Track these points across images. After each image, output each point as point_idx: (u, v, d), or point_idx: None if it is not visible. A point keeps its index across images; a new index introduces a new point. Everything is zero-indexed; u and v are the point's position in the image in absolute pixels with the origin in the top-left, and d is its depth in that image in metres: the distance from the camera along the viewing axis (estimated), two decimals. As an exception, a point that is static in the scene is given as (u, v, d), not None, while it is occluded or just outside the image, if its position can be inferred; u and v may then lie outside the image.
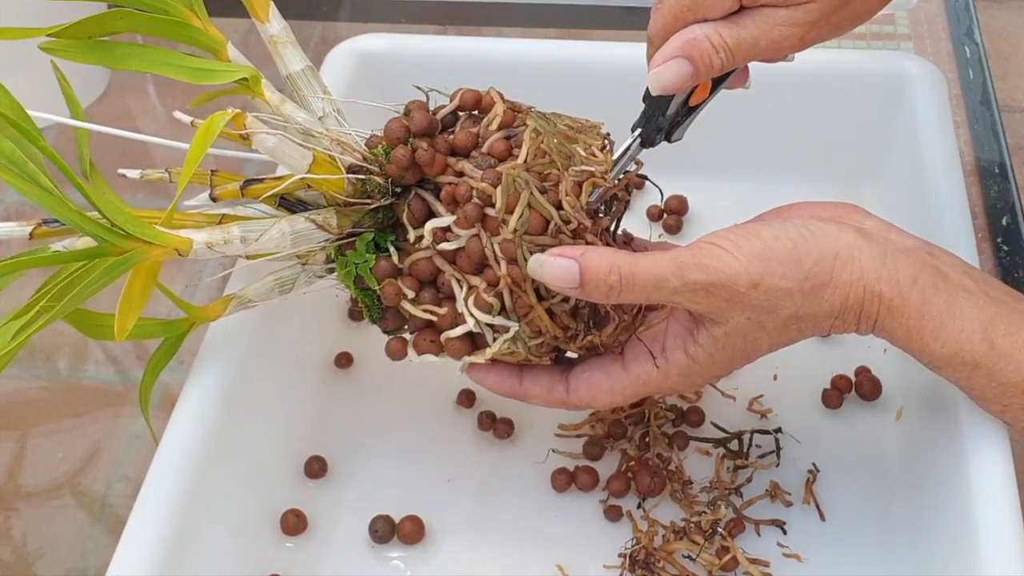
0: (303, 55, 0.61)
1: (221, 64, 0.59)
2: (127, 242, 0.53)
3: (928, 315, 0.53)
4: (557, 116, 0.59)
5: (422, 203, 0.57)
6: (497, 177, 0.54)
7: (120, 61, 0.58)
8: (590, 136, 0.58)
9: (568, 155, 0.56)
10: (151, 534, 0.54)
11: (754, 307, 0.53)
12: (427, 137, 0.57)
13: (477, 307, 0.56)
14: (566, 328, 0.56)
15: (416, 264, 0.57)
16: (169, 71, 0.58)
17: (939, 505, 0.58)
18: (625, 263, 0.52)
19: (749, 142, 0.81)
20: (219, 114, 0.54)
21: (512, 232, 0.54)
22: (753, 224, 0.55)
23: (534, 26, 1.03)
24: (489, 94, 0.58)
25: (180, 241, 0.54)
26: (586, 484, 0.65)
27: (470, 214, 0.54)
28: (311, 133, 0.58)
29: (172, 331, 0.60)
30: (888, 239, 0.55)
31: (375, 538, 0.63)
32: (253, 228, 0.56)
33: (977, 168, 0.86)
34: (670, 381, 0.57)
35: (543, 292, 0.55)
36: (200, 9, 0.60)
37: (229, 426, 0.60)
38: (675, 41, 0.53)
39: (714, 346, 0.55)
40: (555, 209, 0.54)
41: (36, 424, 0.74)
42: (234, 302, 0.60)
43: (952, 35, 0.98)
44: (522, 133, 0.56)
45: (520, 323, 0.56)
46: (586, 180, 0.55)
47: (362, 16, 1.06)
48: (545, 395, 0.59)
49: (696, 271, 0.52)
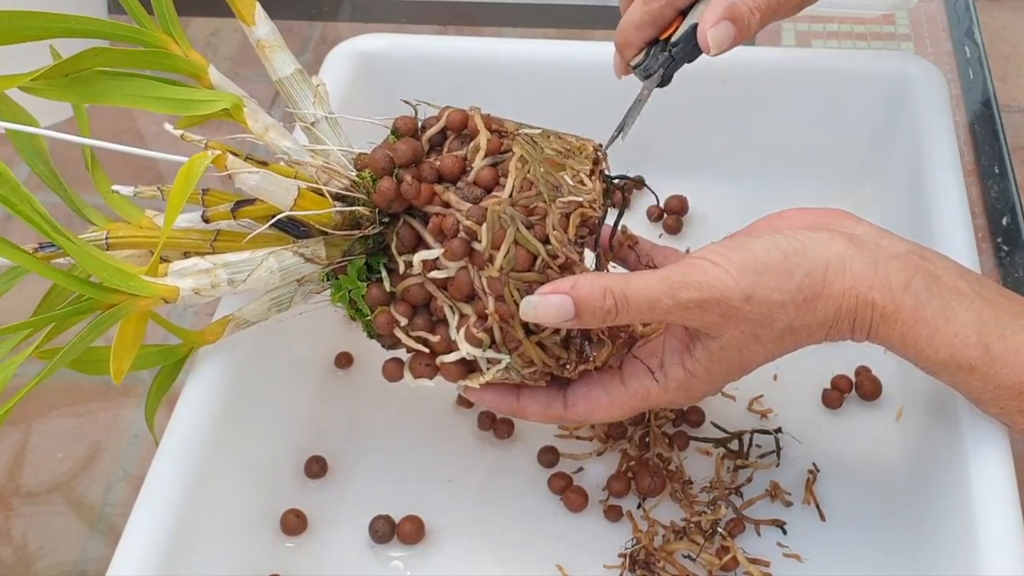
0: (293, 58, 0.60)
1: (202, 92, 0.58)
2: (114, 296, 0.53)
3: (922, 320, 0.52)
4: (545, 136, 0.57)
5: (411, 231, 0.56)
6: (482, 214, 0.53)
7: (98, 96, 0.57)
8: (578, 160, 0.57)
9: (555, 185, 0.55)
10: (151, 534, 0.54)
11: (748, 320, 0.53)
12: (413, 167, 0.56)
13: (468, 341, 0.55)
14: (558, 358, 0.56)
15: (408, 290, 0.56)
16: (149, 104, 0.57)
17: (939, 505, 0.58)
18: (617, 286, 0.52)
19: (749, 142, 0.81)
20: (199, 157, 0.52)
21: (499, 270, 0.53)
22: (743, 237, 0.55)
23: (534, 26, 1.03)
24: (472, 119, 0.57)
25: (167, 290, 0.54)
26: (576, 504, 0.64)
27: (456, 250, 0.54)
28: (297, 163, 0.57)
29: (171, 357, 0.60)
30: (879, 245, 0.54)
31: (375, 538, 0.63)
32: (241, 269, 0.56)
33: (977, 168, 0.86)
34: (669, 395, 0.57)
35: (532, 327, 0.55)
36: (179, 33, 0.59)
37: (229, 426, 0.60)
38: (719, 6, 0.60)
39: (710, 360, 0.55)
40: (542, 244, 0.53)
41: (37, 424, 0.74)
42: (231, 324, 0.59)
43: (952, 35, 0.98)
44: (508, 161, 0.55)
45: (512, 355, 0.55)
46: (574, 211, 0.54)
47: (362, 16, 1.06)
48: (543, 412, 0.59)
49: (688, 289, 0.52)
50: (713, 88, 0.78)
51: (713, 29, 0.60)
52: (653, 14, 0.63)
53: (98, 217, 0.61)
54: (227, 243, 0.59)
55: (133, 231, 0.60)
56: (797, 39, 0.99)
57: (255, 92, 0.62)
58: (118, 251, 0.60)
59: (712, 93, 0.78)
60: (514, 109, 0.80)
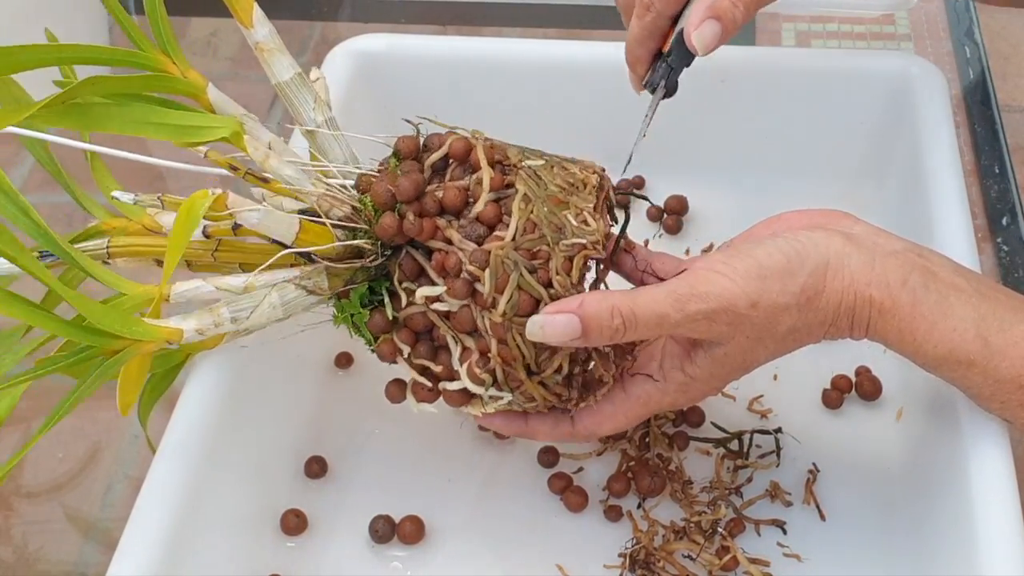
0: (292, 61, 0.59)
1: (203, 117, 0.57)
2: (118, 342, 0.53)
3: (919, 315, 0.53)
4: (549, 168, 0.57)
5: (413, 262, 0.56)
6: (485, 259, 0.53)
7: (97, 124, 0.56)
8: (582, 197, 0.56)
9: (558, 226, 0.54)
10: (151, 534, 0.54)
11: (754, 326, 0.53)
12: (415, 202, 0.55)
13: (470, 379, 0.55)
14: (560, 395, 0.56)
15: (411, 317, 0.56)
16: (149, 132, 0.56)
17: (939, 505, 0.58)
18: (624, 304, 0.52)
19: (749, 142, 0.81)
20: (198, 197, 0.52)
21: (501, 315, 0.53)
22: (744, 244, 0.55)
23: (534, 26, 1.03)
24: (475, 153, 0.56)
25: (171, 332, 0.54)
26: (576, 504, 0.64)
27: (459, 290, 0.54)
28: (299, 191, 0.56)
29: (167, 363, 0.60)
30: (876, 243, 0.55)
31: (375, 538, 0.63)
32: (243, 307, 0.56)
33: (977, 168, 0.86)
34: (669, 397, 0.57)
35: (534, 367, 0.55)
36: (176, 52, 0.58)
37: (229, 426, 0.60)
38: (701, 6, 0.61)
39: (713, 365, 0.55)
40: (545, 288, 0.53)
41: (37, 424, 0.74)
42: (231, 332, 0.60)
43: (952, 35, 0.98)
44: (512, 198, 0.55)
45: (514, 393, 0.56)
46: (577, 254, 0.54)
47: (362, 16, 1.06)
48: (551, 432, 0.59)
49: (695, 301, 0.52)
50: (713, 88, 0.78)
51: (697, 31, 0.61)
52: (649, 27, 0.64)
53: (101, 212, 0.61)
54: (228, 254, 0.59)
55: (135, 238, 0.60)
56: (797, 39, 0.99)
57: (256, 93, 0.61)
58: (119, 259, 0.60)
59: (712, 93, 0.78)
60: (514, 109, 0.80)
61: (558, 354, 0.55)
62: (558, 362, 0.55)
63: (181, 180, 0.83)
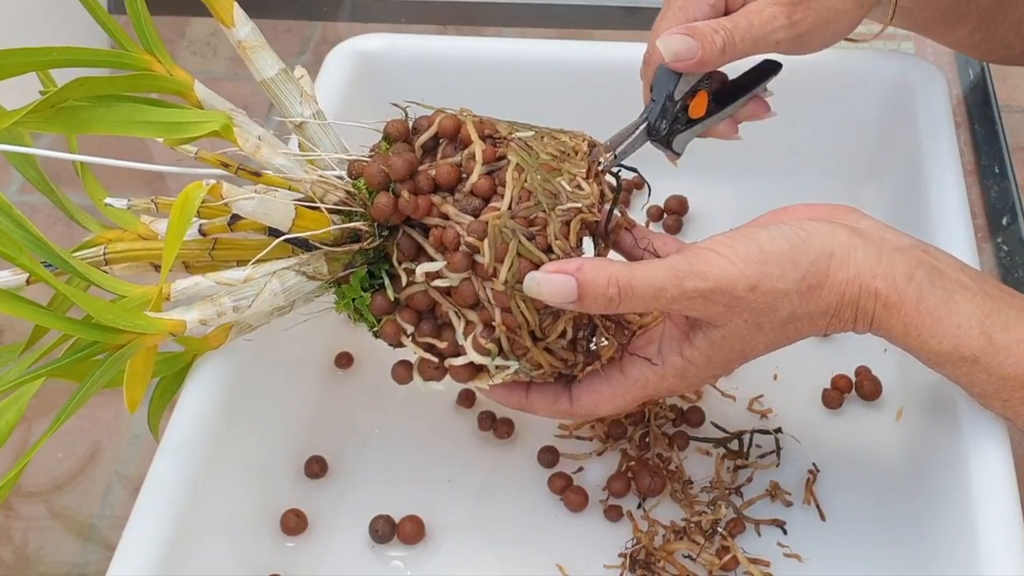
0: (276, 57, 0.59)
1: (191, 113, 0.57)
2: (121, 336, 0.53)
3: (925, 311, 0.53)
4: (539, 138, 0.57)
5: (411, 241, 0.56)
6: (483, 229, 0.53)
7: (85, 125, 0.56)
8: (574, 163, 0.56)
9: (553, 192, 0.55)
10: (151, 534, 0.54)
11: (752, 310, 0.53)
12: (409, 181, 0.55)
13: (475, 351, 0.55)
14: (565, 360, 0.57)
15: (413, 297, 0.56)
16: (137, 130, 0.56)
17: (939, 505, 0.58)
18: (623, 274, 0.52)
19: (749, 142, 0.81)
20: (193, 188, 0.52)
21: (504, 283, 0.53)
22: (748, 228, 0.55)
23: (534, 26, 1.03)
24: (464, 128, 0.57)
25: (173, 324, 0.54)
26: (576, 504, 0.64)
27: (459, 263, 0.54)
28: (291, 179, 0.57)
29: (174, 366, 0.60)
30: (883, 238, 0.55)
31: (375, 538, 0.63)
32: (244, 295, 0.56)
33: (977, 168, 0.86)
34: (667, 382, 0.57)
35: (538, 333, 0.55)
36: (161, 51, 0.58)
37: (229, 426, 0.60)
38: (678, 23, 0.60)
39: (711, 349, 0.55)
40: (545, 253, 0.54)
41: (37, 424, 0.74)
42: (234, 329, 0.60)
43: (952, 35, 0.98)
44: (505, 169, 0.55)
45: (520, 361, 0.56)
46: (574, 218, 0.54)
47: (362, 16, 1.06)
48: (550, 407, 0.59)
49: (694, 279, 0.52)
50: (713, 88, 0.78)
51: (665, 36, 0.59)
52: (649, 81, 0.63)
53: (94, 224, 0.61)
54: (225, 251, 0.59)
55: (130, 244, 0.60)
56: (797, 39, 0.99)
57: (256, 93, 0.61)
58: (117, 264, 0.60)
59: (712, 93, 0.78)
60: (514, 109, 0.80)
61: (561, 318, 0.55)
62: (562, 326, 0.55)
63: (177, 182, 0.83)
